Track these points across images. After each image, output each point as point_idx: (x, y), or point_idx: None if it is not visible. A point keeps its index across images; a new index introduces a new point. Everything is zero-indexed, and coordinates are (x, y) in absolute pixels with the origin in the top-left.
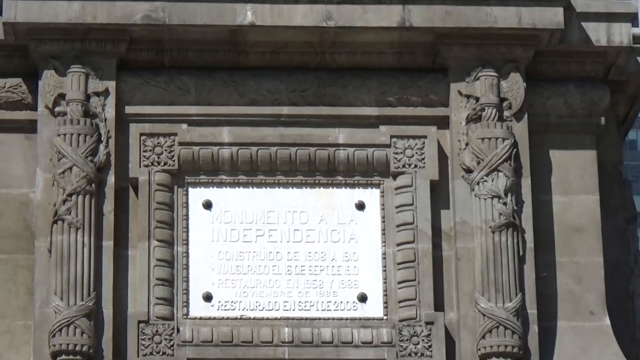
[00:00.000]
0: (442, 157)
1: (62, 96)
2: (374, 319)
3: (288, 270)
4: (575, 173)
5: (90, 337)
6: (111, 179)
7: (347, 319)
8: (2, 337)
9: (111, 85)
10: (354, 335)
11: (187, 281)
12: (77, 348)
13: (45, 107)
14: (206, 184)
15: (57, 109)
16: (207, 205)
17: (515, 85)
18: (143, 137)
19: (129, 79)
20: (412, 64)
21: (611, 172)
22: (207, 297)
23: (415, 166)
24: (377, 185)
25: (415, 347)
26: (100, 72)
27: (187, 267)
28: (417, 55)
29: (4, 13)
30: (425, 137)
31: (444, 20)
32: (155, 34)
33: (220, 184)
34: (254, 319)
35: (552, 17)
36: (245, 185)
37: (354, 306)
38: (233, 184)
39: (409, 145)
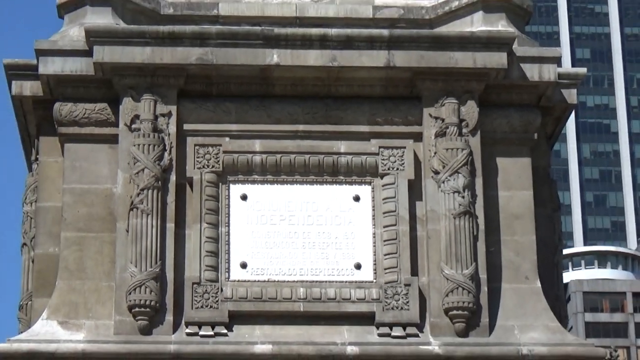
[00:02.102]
0: (417, 162)
1: (137, 117)
2: (366, 282)
3: (303, 246)
4: (515, 175)
5: (157, 295)
6: (173, 177)
7: (346, 281)
8: (92, 294)
9: (173, 108)
10: (351, 293)
11: (228, 253)
12: (147, 302)
13: (124, 124)
14: (243, 182)
15: (133, 126)
16: (244, 197)
17: (471, 110)
18: (196, 147)
19: (186, 104)
20: (395, 94)
21: (541, 174)
22: (243, 265)
23: (397, 169)
24: (369, 183)
25: (397, 303)
26: (165, 99)
27: (228, 242)
28: (399, 87)
29: (95, 55)
30: (404, 147)
31: (419, 62)
32: (206, 71)
33: (253, 182)
34: (277, 281)
35: (498, 59)
36: (272, 182)
37: (352, 272)
38: (263, 182)
39: (392, 154)
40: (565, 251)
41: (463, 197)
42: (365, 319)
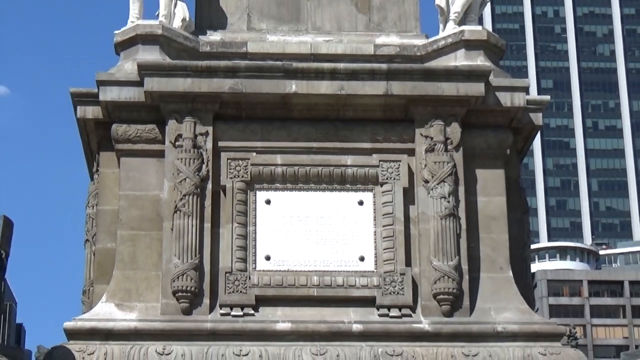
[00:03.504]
0: (410, 173)
1: (180, 135)
2: (368, 271)
3: (316, 242)
4: (491, 183)
5: (196, 282)
6: (209, 185)
7: (352, 271)
8: (142, 282)
9: (209, 129)
10: (356, 281)
11: (255, 248)
12: (188, 288)
13: (169, 142)
14: (267, 189)
15: (177, 143)
16: (267, 202)
17: (455, 130)
18: (229, 160)
19: (220, 125)
20: (392, 117)
21: (513, 183)
22: (267, 258)
23: (394, 179)
24: (371, 190)
25: (394, 289)
26: (203, 121)
27: (255, 239)
28: (395, 111)
29: (145, 85)
30: (400, 161)
31: (412, 91)
32: (236, 98)
33: (276, 189)
34: (295, 271)
35: (477, 89)
36: (291, 190)
37: (356, 264)
38: (283, 189)
39: (390, 166)
40: (533, 246)
41: (448, 202)
42: (368, 302)
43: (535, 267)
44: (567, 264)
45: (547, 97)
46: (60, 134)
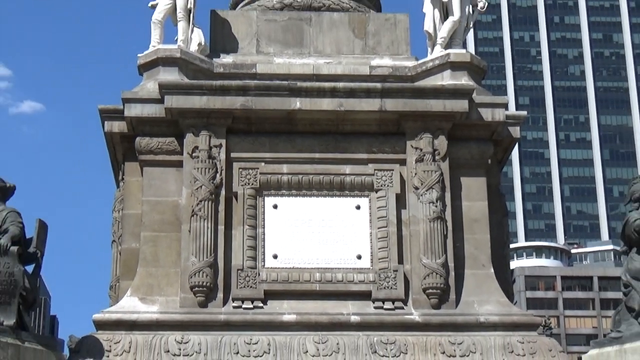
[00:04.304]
0: (402, 181)
1: (196, 147)
2: (365, 268)
3: (318, 242)
4: (474, 190)
5: (211, 278)
6: (223, 192)
7: (350, 268)
8: (163, 278)
9: (223, 141)
10: (354, 277)
11: (264, 247)
12: (204, 284)
13: (187, 153)
14: (274, 195)
15: (193, 154)
16: (275, 206)
17: (442, 142)
18: (240, 170)
19: (233, 138)
20: (386, 131)
21: (494, 189)
22: (275, 256)
23: (388, 186)
24: (367, 196)
25: (388, 284)
26: (217, 134)
27: (263, 240)
28: (389, 126)
29: (165, 102)
30: (393, 170)
31: (404, 107)
32: (247, 114)
33: (282, 195)
34: (300, 268)
35: (461, 105)
36: (296, 196)
37: (354, 262)
38: (289, 195)
39: (384, 174)
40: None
41: (436, 206)
42: (364, 296)
43: (513, 264)
44: (542, 262)
45: (524, 113)
46: (89, 146)
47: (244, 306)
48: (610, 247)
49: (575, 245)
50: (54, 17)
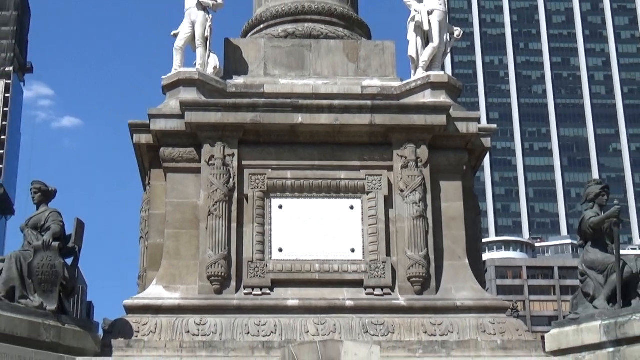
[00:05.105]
0: (390, 184)
1: (212, 156)
2: (357, 260)
3: (318, 237)
4: (451, 192)
5: (225, 269)
6: (235, 194)
7: (345, 260)
8: (184, 269)
9: (235, 151)
10: (348, 268)
11: (271, 242)
12: (219, 274)
13: (204, 161)
14: (279, 197)
15: (210, 162)
16: (280, 207)
17: (424, 152)
18: (250, 175)
19: (244, 148)
20: (375, 142)
21: (468, 192)
22: (280, 250)
23: (377, 189)
24: (359, 198)
25: (377, 273)
26: (231, 145)
27: (270, 236)
28: (378, 137)
29: (186, 118)
30: (381, 175)
31: (391, 121)
32: (256, 128)
33: (286, 197)
34: (302, 260)
35: (440, 120)
36: (298, 197)
37: (349, 254)
38: (292, 197)
39: (374, 179)
40: (484, 240)
41: (419, 206)
42: (357, 284)
43: (485, 256)
44: (510, 254)
45: (494, 126)
46: (120, 155)
47: (254, 293)
48: (569, 241)
49: (539, 240)
50: (90, 42)
